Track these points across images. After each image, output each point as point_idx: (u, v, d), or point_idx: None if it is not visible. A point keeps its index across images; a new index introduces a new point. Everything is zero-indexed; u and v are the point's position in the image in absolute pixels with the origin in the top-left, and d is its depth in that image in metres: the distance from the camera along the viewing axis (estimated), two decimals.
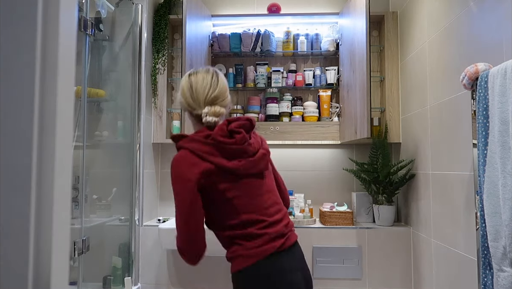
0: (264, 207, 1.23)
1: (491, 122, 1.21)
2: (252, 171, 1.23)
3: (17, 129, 0.41)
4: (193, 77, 1.29)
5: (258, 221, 1.20)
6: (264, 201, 1.24)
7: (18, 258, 0.41)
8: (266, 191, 1.26)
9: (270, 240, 1.19)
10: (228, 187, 1.20)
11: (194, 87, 1.27)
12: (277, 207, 1.27)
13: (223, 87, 1.29)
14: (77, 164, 1.87)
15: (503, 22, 1.29)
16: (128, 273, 2.20)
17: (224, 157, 1.19)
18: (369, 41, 1.98)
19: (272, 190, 1.30)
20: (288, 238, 1.23)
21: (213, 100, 1.26)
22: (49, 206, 0.42)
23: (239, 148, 1.21)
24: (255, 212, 1.21)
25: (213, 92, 1.26)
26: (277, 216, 1.25)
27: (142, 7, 2.33)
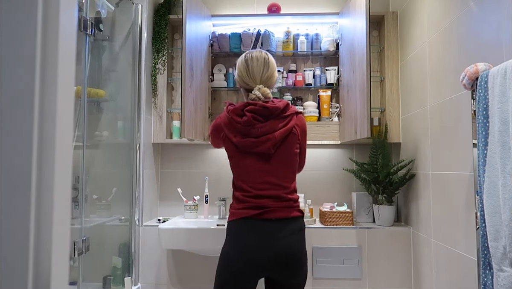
0: (256, 182, 1.46)
1: (491, 122, 1.21)
2: (254, 150, 1.45)
3: (17, 129, 0.41)
4: (249, 56, 1.55)
5: (246, 190, 1.46)
6: (257, 177, 1.46)
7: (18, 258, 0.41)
8: (264, 170, 1.46)
9: (250, 207, 1.43)
10: (234, 155, 1.50)
11: (250, 66, 1.54)
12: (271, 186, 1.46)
13: (273, 66, 1.56)
14: (77, 164, 1.87)
15: (503, 22, 1.29)
16: (128, 273, 2.20)
17: (232, 131, 1.48)
18: (369, 41, 1.98)
19: (273, 172, 1.47)
20: (269, 211, 1.42)
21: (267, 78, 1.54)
22: (49, 206, 0.42)
23: (244, 128, 1.45)
24: (246, 182, 1.47)
25: (267, 71, 1.53)
26: (266, 192, 1.45)
27: (142, 7, 2.33)
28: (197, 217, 2.39)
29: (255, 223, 1.41)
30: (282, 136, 1.46)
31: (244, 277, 1.40)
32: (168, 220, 2.38)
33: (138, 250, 2.26)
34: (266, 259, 1.39)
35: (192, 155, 2.63)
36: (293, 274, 1.43)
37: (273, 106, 1.46)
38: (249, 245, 1.39)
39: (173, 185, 2.59)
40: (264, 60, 1.53)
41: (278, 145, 1.47)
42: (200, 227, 2.12)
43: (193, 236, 2.10)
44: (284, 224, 1.43)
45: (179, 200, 2.49)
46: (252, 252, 1.39)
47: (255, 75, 1.52)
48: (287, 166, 1.50)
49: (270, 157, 1.46)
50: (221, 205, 2.40)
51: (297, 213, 1.48)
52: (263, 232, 1.40)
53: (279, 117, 1.48)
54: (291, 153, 1.50)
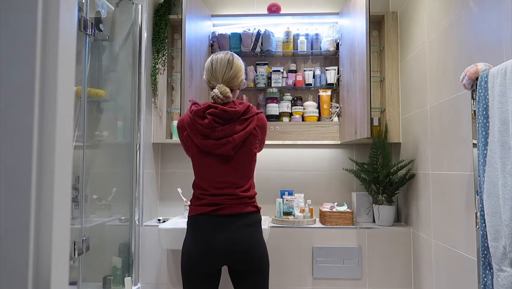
0: (214, 182, 1.55)
1: (491, 122, 1.21)
2: (214, 151, 1.53)
3: (17, 129, 0.41)
4: (214, 57, 1.62)
5: (205, 188, 1.56)
6: (216, 176, 1.55)
7: (18, 258, 0.41)
8: (224, 171, 1.55)
9: (206, 204, 1.54)
10: (195, 155, 1.58)
11: (214, 66, 1.59)
12: (228, 185, 1.55)
13: (237, 68, 1.61)
14: (77, 164, 1.87)
15: (503, 22, 1.29)
16: (128, 273, 2.20)
17: (194, 132, 1.54)
18: (369, 41, 1.98)
19: (233, 172, 1.55)
20: (222, 208, 1.52)
21: (228, 79, 1.58)
22: (49, 206, 0.42)
23: (204, 130, 1.52)
24: (205, 181, 1.57)
25: (228, 72, 1.58)
26: (223, 191, 1.54)
27: (142, 7, 2.33)
28: None
29: (210, 219, 1.53)
30: (242, 139, 1.54)
31: (203, 266, 1.52)
32: (168, 220, 2.38)
33: (138, 250, 2.26)
34: (221, 249, 1.50)
35: None
36: (246, 263, 1.54)
37: (233, 110, 1.53)
38: (205, 238, 1.51)
39: (173, 185, 2.59)
40: (228, 61, 1.59)
41: (238, 146, 1.55)
42: None
43: None
44: (237, 218, 1.53)
45: (179, 200, 2.49)
46: (208, 243, 1.51)
47: (217, 75, 1.58)
48: (245, 165, 1.59)
49: (230, 158, 1.55)
50: None
51: (251, 208, 1.57)
52: (217, 226, 1.52)
53: (240, 120, 1.55)
54: (250, 153, 1.59)
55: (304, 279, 2.20)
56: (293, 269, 2.21)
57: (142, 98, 2.31)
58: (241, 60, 1.66)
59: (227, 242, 1.50)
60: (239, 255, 1.52)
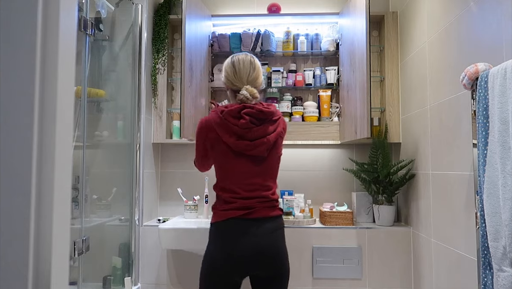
0: (245, 184, 1.50)
1: (491, 122, 1.21)
2: (247, 152, 1.49)
3: (17, 129, 0.41)
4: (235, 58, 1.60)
5: (235, 191, 1.50)
6: (246, 178, 1.51)
7: (18, 258, 0.41)
8: (255, 172, 1.51)
9: (237, 208, 1.48)
10: (223, 156, 1.52)
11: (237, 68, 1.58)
12: (259, 187, 1.51)
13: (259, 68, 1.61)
14: (77, 164, 1.87)
15: (503, 22, 1.29)
16: (128, 273, 2.20)
17: (227, 132, 1.49)
18: (369, 41, 1.98)
19: (263, 174, 1.53)
20: (254, 211, 1.48)
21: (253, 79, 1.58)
22: (49, 206, 0.42)
23: (240, 130, 1.47)
24: (236, 184, 1.51)
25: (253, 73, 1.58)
26: (254, 193, 1.50)
27: (142, 7, 2.33)
28: (197, 217, 2.39)
29: (241, 223, 1.47)
30: (274, 140, 1.53)
31: (230, 275, 1.45)
32: (168, 220, 2.38)
33: (138, 250, 2.26)
34: (254, 257, 1.45)
35: (192, 155, 2.62)
36: (276, 271, 1.50)
37: (268, 110, 1.52)
38: (236, 245, 1.44)
39: (173, 185, 2.59)
40: (250, 62, 1.59)
41: (270, 148, 1.53)
42: (200, 227, 2.12)
43: (193, 236, 2.10)
44: (266, 222, 1.50)
45: (179, 200, 2.49)
46: (239, 251, 1.44)
47: (242, 76, 1.57)
48: (273, 168, 1.58)
49: (262, 159, 1.52)
50: None
51: (278, 212, 1.56)
52: (248, 231, 1.46)
53: (272, 121, 1.54)
54: (278, 155, 1.59)
55: (304, 279, 2.20)
56: (293, 269, 2.20)
57: (142, 98, 2.31)
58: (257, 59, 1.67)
59: (257, 248, 1.45)
60: (268, 261, 1.47)
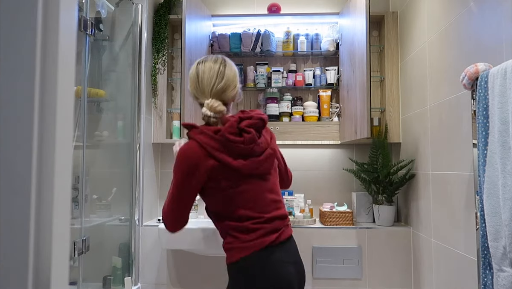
0: (263, 205, 1.26)
1: (491, 122, 1.21)
2: (256, 171, 1.26)
3: (17, 129, 0.41)
4: (201, 66, 1.30)
5: (255, 217, 1.24)
6: (264, 199, 1.27)
7: (18, 258, 0.41)
8: (267, 190, 1.29)
9: (265, 234, 1.23)
10: (230, 184, 1.23)
11: (200, 77, 1.29)
12: (276, 205, 1.30)
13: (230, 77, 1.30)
14: (77, 164, 1.87)
15: (503, 22, 1.29)
16: (128, 273, 2.20)
17: (230, 155, 1.22)
18: (369, 41, 1.98)
19: (273, 189, 1.32)
20: (282, 232, 1.27)
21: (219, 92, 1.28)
22: (49, 206, 0.42)
23: (246, 148, 1.23)
24: (253, 208, 1.25)
25: (219, 84, 1.28)
26: (275, 213, 1.28)
27: (142, 7, 2.33)
28: (197, 217, 2.39)
29: (274, 251, 1.23)
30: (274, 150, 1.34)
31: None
32: None
33: (138, 250, 2.26)
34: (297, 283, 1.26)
35: None
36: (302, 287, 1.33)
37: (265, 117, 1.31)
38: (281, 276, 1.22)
39: None
40: (219, 68, 1.29)
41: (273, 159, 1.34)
42: (200, 227, 2.12)
43: (193, 236, 2.10)
44: (292, 242, 1.32)
45: None
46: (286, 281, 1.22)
47: (204, 88, 1.28)
48: (277, 179, 1.38)
49: (268, 174, 1.31)
50: None
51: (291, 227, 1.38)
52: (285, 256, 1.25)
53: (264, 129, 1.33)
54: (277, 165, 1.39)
55: None
56: None
57: (142, 98, 2.31)
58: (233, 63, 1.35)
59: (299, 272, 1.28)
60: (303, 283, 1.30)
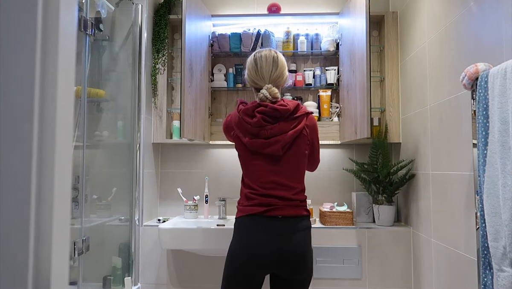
0: (264, 182, 1.48)
1: (491, 122, 1.21)
2: (262, 151, 1.47)
3: (17, 130, 0.41)
4: (258, 55, 1.56)
5: (254, 188, 1.49)
6: (265, 177, 1.48)
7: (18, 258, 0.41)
8: (273, 171, 1.48)
9: (256, 205, 1.46)
10: (242, 154, 1.53)
11: (259, 65, 1.54)
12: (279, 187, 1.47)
13: (282, 66, 1.56)
14: (77, 164, 1.87)
15: (503, 22, 1.29)
16: (128, 273, 2.20)
17: (242, 131, 1.50)
18: (369, 41, 1.98)
19: (282, 172, 1.49)
20: (275, 209, 1.45)
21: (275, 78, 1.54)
22: (49, 206, 0.42)
23: (253, 129, 1.46)
24: (255, 181, 1.49)
25: (275, 72, 1.53)
26: (274, 192, 1.46)
27: (142, 7, 2.33)
28: (197, 217, 2.39)
29: (262, 220, 1.44)
30: (292, 138, 1.47)
31: (251, 273, 1.43)
32: (168, 220, 2.38)
33: (138, 250, 2.26)
34: (273, 256, 1.41)
35: (192, 155, 2.63)
36: (297, 271, 1.44)
37: (283, 108, 1.47)
38: (256, 242, 1.42)
39: (173, 185, 2.59)
40: (273, 59, 1.53)
41: (288, 146, 1.48)
42: (200, 227, 2.12)
43: (193, 236, 2.10)
44: (290, 222, 1.45)
45: (179, 200, 2.49)
46: (259, 249, 1.41)
47: (264, 75, 1.53)
48: (296, 167, 1.52)
49: (279, 158, 1.48)
50: (221, 205, 2.40)
51: (303, 212, 1.50)
52: (270, 230, 1.43)
53: (290, 119, 1.49)
54: (300, 154, 1.52)
55: None
56: None
57: (142, 98, 2.31)
58: (282, 55, 1.60)
59: (280, 248, 1.41)
60: (291, 262, 1.43)
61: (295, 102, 1.52)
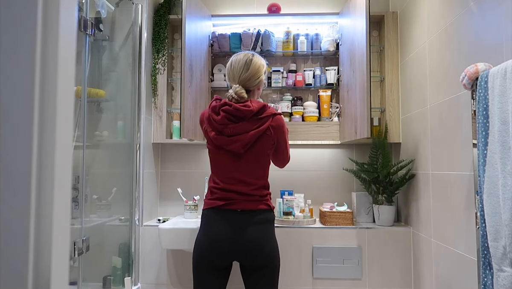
0: (226, 177, 1.59)
1: (491, 122, 1.21)
2: (226, 147, 1.57)
3: (17, 129, 0.41)
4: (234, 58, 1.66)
5: (216, 182, 1.61)
6: (226, 172, 1.59)
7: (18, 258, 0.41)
8: (235, 168, 1.58)
9: (217, 199, 1.59)
10: (210, 149, 1.64)
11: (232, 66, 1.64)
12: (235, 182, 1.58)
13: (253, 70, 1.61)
14: (77, 164, 1.87)
15: (503, 22, 1.29)
16: (128, 273, 2.20)
17: (210, 126, 1.60)
18: (369, 41, 1.98)
19: (240, 169, 1.58)
20: (234, 203, 1.56)
21: (244, 80, 1.60)
22: (49, 206, 0.42)
23: (218, 126, 1.56)
24: (218, 176, 1.62)
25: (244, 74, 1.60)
26: (234, 187, 1.57)
27: (142, 7, 2.33)
28: (197, 217, 2.39)
29: (221, 213, 1.57)
30: (254, 138, 1.56)
31: (211, 259, 1.56)
32: (168, 220, 2.38)
33: (138, 250, 2.26)
34: (231, 245, 1.54)
35: (192, 155, 2.63)
36: (254, 261, 1.56)
37: (246, 109, 1.55)
38: (215, 232, 1.56)
39: (173, 185, 2.59)
40: (246, 61, 1.62)
41: (250, 145, 1.57)
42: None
43: (193, 236, 2.09)
44: (248, 215, 1.57)
45: (179, 200, 2.49)
46: (218, 238, 1.55)
47: (234, 75, 1.62)
48: (257, 165, 1.61)
49: (241, 155, 1.58)
50: None
51: (262, 206, 1.60)
52: (228, 221, 1.56)
53: (253, 120, 1.57)
54: (262, 153, 1.61)
55: (304, 279, 2.20)
56: (293, 269, 2.21)
57: (142, 98, 2.31)
58: (263, 60, 1.68)
59: (236, 238, 1.54)
60: (248, 252, 1.55)
61: (261, 104, 1.60)
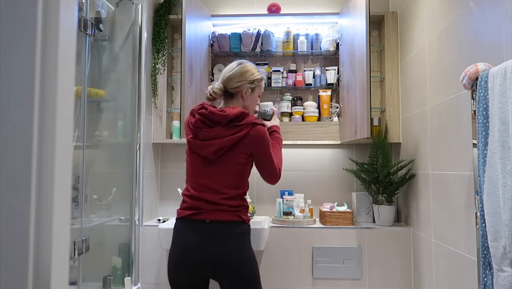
0: (195, 182, 1.53)
1: (491, 122, 1.21)
2: (199, 152, 1.52)
3: (17, 129, 0.41)
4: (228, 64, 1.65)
5: (188, 189, 1.55)
6: (198, 178, 1.52)
7: (18, 258, 0.41)
8: (204, 173, 1.52)
9: (186, 208, 1.52)
10: (187, 152, 1.59)
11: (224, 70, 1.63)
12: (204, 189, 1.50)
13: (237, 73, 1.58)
14: (77, 164, 1.87)
15: (503, 22, 1.29)
16: (128, 273, 2.20)
17: (187, 129, 1.57)
18: (369, 41, 1.98)
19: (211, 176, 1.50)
20: (202, 213, 1.47)
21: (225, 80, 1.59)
22: (49, 206, 0.42)
23: (193, 129, 1.53)
24: (190, 182, 1.56)
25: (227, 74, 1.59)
26: (204, 195, 1.49)
27: (142, 7, 2.33)
28: None
29: (190, 224, 1.49)
30: (227, 144, 1.47)
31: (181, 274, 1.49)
32: (168, 220, 2.38)
33: (138, 250, 2.26)
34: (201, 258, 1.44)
35: None
36: (226, 276, 1.45)
37: (221, 114, 1.48)
38: (185, 245, 1.47)
39: (173, 185, 2.59)
40: (234, 66, 1.61)
41: (223, 152, 1.49)
42: None
43: None
44: (217, 226, 1.46)
45: (179, 200, 2.48)
46: (188, 251, 1.46)
47: (222, 75, 1.61)
48: (229, 173, 1.50)
49: (213, 161, 1.51)
50: None
51: (233, 217, 1.48)
52: (196, 233, 1.47)
53: (230, 126, 1.48)
54: (235, 161, 1.50)
55: (304, 279, 2.20)
56: (293, 269, 2.21)
57: (142, 98, 2.31)
58: (255, 70, 1.62)
59: (206, 249, 1.44)
60: (216, 267, 1.44)
61: (240, 110, 1.50)
